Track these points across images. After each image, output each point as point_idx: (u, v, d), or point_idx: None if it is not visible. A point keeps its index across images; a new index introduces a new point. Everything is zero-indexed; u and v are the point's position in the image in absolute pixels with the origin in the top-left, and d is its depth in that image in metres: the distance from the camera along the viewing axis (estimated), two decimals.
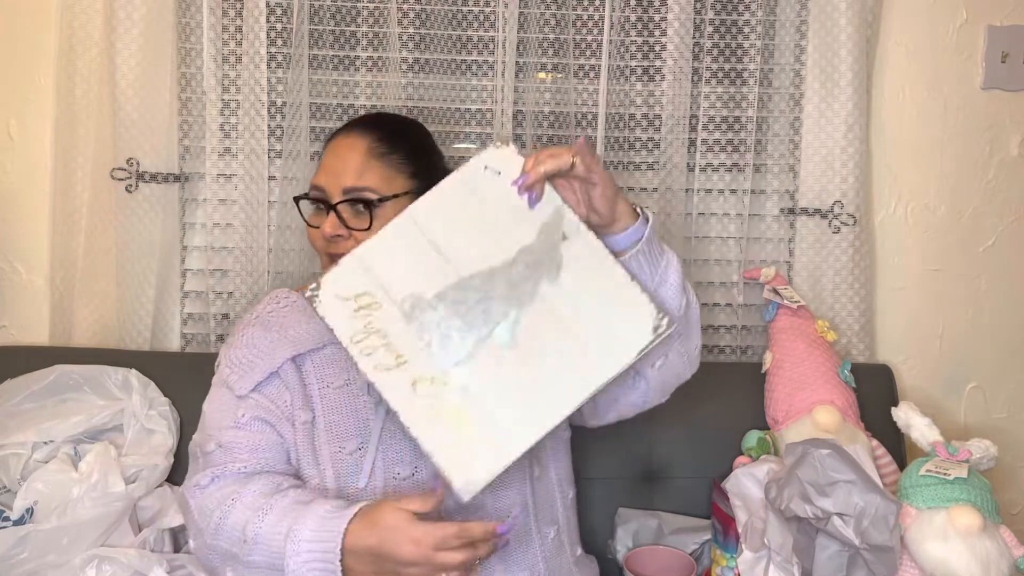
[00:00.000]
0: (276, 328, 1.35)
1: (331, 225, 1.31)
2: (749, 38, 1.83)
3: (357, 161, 1.32)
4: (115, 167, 1.73)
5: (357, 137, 1.35)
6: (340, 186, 1.32)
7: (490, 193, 1.18)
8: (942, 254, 1.92)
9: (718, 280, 1.89)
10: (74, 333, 1.77)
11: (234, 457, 1.27)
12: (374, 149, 1.33)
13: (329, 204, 1.32)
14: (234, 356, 1.34)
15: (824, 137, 1.82)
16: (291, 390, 1.31)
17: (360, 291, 1.16)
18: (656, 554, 1.53)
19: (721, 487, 1.54)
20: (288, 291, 1.42)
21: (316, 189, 1.35)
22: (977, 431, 1.90)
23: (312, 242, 1.37)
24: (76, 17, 1.71)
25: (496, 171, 1.18)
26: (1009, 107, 1.89)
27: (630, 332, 1.15)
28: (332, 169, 1.34)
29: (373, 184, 1.32)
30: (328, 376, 1.32)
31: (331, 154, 1.36)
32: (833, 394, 1.64)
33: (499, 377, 1.14)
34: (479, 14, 1.81)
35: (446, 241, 1.17)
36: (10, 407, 1.57)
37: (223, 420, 1.30)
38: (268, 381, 1.31)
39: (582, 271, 1.16)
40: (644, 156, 1.87)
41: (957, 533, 1.30)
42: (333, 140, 1.38)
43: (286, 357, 1.32)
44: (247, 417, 1.29)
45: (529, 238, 1.17)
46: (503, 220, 1.17)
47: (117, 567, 1.41)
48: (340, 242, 1.31)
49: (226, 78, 1.79)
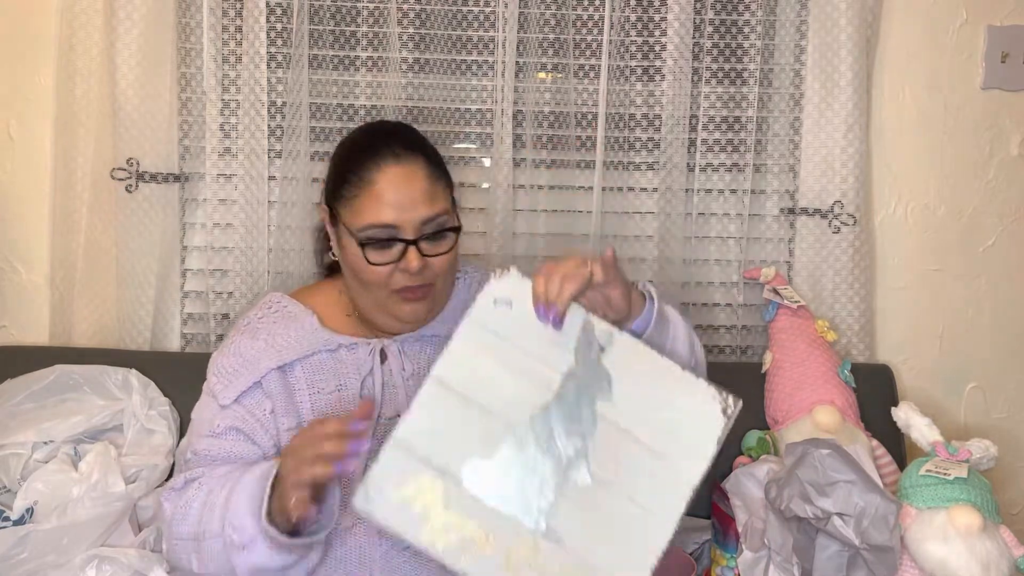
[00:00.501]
0: (264, 336, 1.34)
1: (418, 260, 1.25)
2: (749, 38, 1.83)
3: (425, 188, 1.27)
4: (115, 167, 1.73)
5: (412, 163, 1.28)
6: (417, 220, 1.25)
7: (508, 328, 1.12)
8: (942, 254, 1.92)
9: (718, 280, 1.89)
10: (74, 333, 1.77)
11: (208, 465, 1.28)
12: (431, 172, 1.29)
13: (408, 241, 1.25)
14: (220, 365, 1.34)
15: (824, 137, 1.82)
16: (273, 398, 1.31)
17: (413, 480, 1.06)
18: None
19: (721, 487, 1.54)
20: (281, 295, 1.41)
21: (385, 227, 1.25)
22: (977, 431, 1.90)
23: (373, 281, 1.28)
24: (76, 17, 1.71)
25: (507, 302, 1.13)
26: (1009, 107, 1.89)
27: (701, 424, 1.10)
28: (401, 204, 1.25)
29: (444, 207, 1.28)
30: (319, 382, 1.32)
31: (391, 187, 1.26)
32: (833, 394, 1.64)
33: (592, 521, 1.06)
34: (479, 14, 1.81)
35: (484, 395, 1.09)
36: (10, 407, 1.57)
37: (202, 428, 1.32)
38: (250, 391, 1.31)
39: (633, 378, 1.11)
40: (644, 156, 1.87)
41: (957, 533, 1.30)
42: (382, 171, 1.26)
43: (271, 367, 1.31)
44: (222, 427, 1.30)
45: (567, 362, 1.10)
46: (533, 352, 1.11)
47: (117, 567, 1.41)
48: (424, 271, 1.27)
49: (226, 78, 1.79)
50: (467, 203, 1.85)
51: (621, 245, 1.87)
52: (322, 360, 1.33)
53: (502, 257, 1.80)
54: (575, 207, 1.86)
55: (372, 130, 1.40)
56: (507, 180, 1.80)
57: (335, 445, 1.09)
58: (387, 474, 1.06)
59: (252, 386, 1.31)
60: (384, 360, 1.34)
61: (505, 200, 1.80)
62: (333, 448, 1.09)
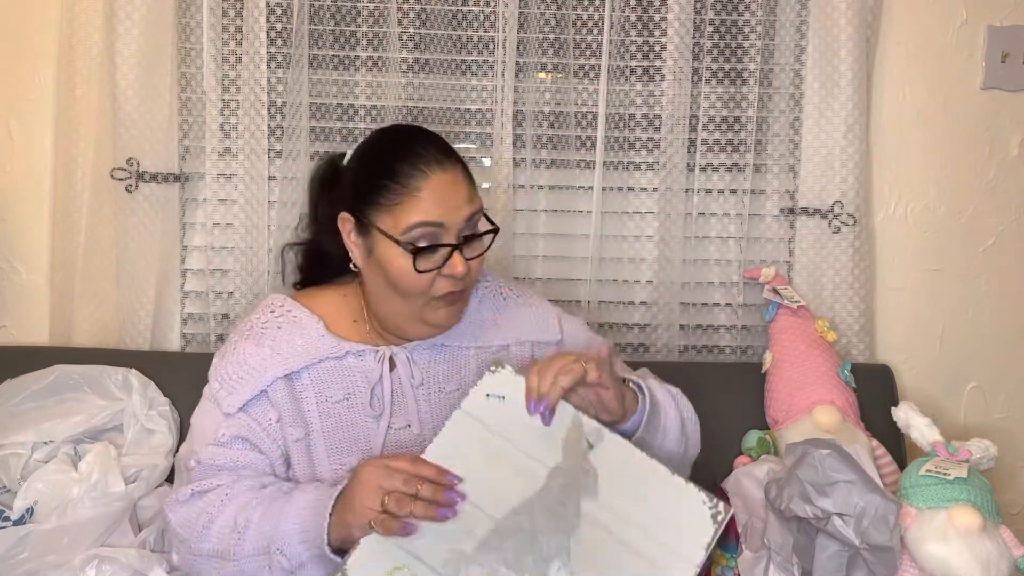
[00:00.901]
0: (268, 343, 1.31)
1: (464, 264, 1.24)
2: (749, 38, 1.83)
3: (466, 192, 1.27)
4: (115, 167, 1.73)
5: (453, 169, 1.27)
6: (460, 219, 1.25)
7: (498, 422, 1.11)
8: (942, 254, 1.92)
9: (718, 280, 1.89)
10: (74, 333, 1.77)
11: (214, 475, 1.27)
12: (468, 178, 1.29)
13: (452, 245, 1.24)
14: (224, 371, 1.32)
15: (824, 137, 1.82)
16: (279, 408, 1.29)
17: (391, 568, 1.06)
18: None
19: (721, 487, 1.54)
20: (284, 298, 1.38)
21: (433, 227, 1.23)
22: (977, 431, 1.90)
23: (414, 289, 1.26)
24: (76, 17, 1.71)
25: (499, 396, 1.13)
26: (1009, 107, 1.89)
27: (690, 529, 1.06)
28: (447, 205, 1.24)
29: (480, 207, 1.28)
30: (327, 391, 1.30)
31: (438, 190, 1.24)
32: (833, 394, 1.64)
33: None
34: (479, 14, 1.81)
35: (469, 486, 1.09)
36: (10, 407, 1.56)
37: (206, 436, 1.30)
38: (255, 400, 1.29)
39: (620, 478, 1.08)
40: (644, 156, 1.87)
41: (957, 533, 1.30)
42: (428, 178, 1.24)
43: (276, 376, 1.29)
44: (227, 436, 1.28)
45: (554, 459, 1.09)
46: (521, 447, 1.10)
47: (117, 567, 1.41)
48: (466, 277, 1.26)
49: (226, 78, 1.79)
50: None
51: (621, 245, 1.87)
52: (329, 368, 1.31)
53: (502, 257, 1.81)
54: (575, 207, 1.86)
55: (399, 137, 1.34)
56: (507, 180, 1.80)
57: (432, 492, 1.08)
58: (365, 562, 1.07)
59: (258, 395, 1.29)
60: (393, 368, 1.33)
61: (505, 200, 1.80)
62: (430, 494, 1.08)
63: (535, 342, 1.38)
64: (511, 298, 1.41)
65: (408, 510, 1.06)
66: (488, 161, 1.84)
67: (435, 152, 1.27)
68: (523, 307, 1.41)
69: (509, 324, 1.38)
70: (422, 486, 1.08)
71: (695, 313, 1.89)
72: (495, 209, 1.79)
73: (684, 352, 1.89)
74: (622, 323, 1.89)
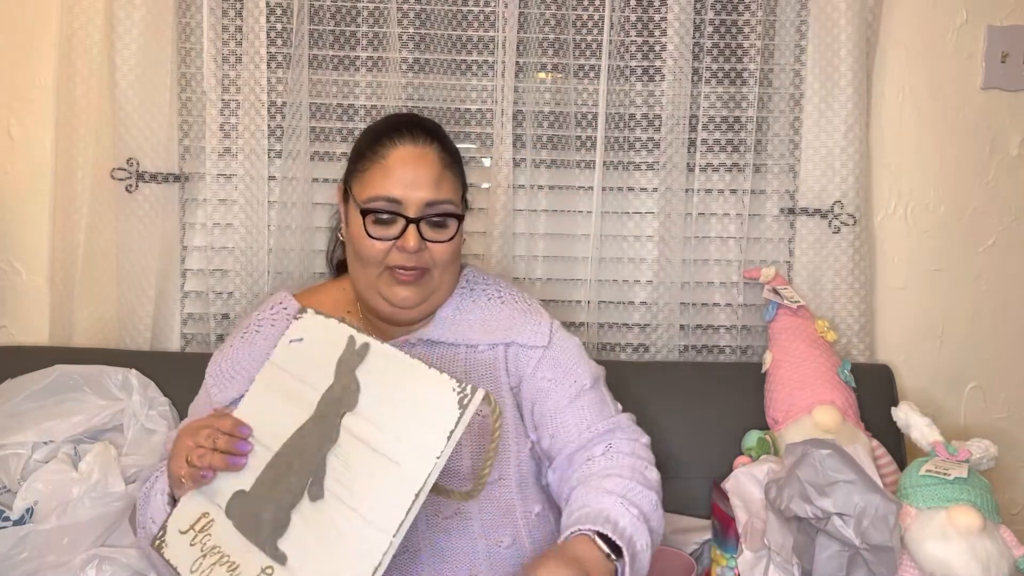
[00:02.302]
0: (261, 341, 1.35)
1: (416, 239, 1.26)
2: (749, 38, 1.83)
3: (434, 173, 1.28)
4: (115, 167, 1.73)
5: (426, 146, 1.30)
6: (420, 199, 1.27)
7: (297, 365, 1.15)
8: (942, 254, 1.92)
9: (718, 280, 1.89)
10: (74, 333, 1.77)
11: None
12: (444, 159, 1.30)
13: (409, 218, 1.26)
14: (217, 368, 1.37)
15: (824, 137, 1.82)
16: None
17: (196, 516, 1.12)
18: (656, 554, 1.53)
19: (721, 487, 1.54)
20: (285, 295, 1.41)
21: (389, 201, 1.27)
22: (977, 431, 1.90)
23: (370, 254, 1.29)
24: (76, 17, 1.71)
25: (299, 340, 1.16)
26: (1009, 107, 1.89)
27: (435, 418, 1.02)
28: (407, 181, 1.27)
29: (450, 196, 1.29)
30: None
31: (400, 163, 1.28)
32: (833, 394, 1.64)
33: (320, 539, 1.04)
34: (479, 14, 1.81)
35: (265, 432, 1.13)
36: (10, 407, 1.56)
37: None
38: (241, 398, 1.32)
39: (378, 385, 1.08)
40: (644, 156, 1.87)
41: (957, 533, 1.30)
42: (396, 147, 1.29)
43: None
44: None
45: (327, 382, 1.11)
46: (307, 380, 1.12)
47: (117, 567, 1.42)
48: (422, 254, 1.28)
49: (226, 78, 1.79)
50: None
51: (621, 245, 1.87)
52: None
53: (502, 257, 1.81)
54: (575, 207, 1.86)
55: (398, 116, 1.42)
56: (507, 180, 1.80)
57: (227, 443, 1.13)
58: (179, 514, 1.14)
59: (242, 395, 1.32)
60: None
61: (505, 200, 1.80)
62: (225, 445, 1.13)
63: (519, 344, 1.36)
64: (508, 300, 1.40)
65: (208, 463, 1.12)
66: (488, 161, 1.84)
67: (416, 130, 1.31)
68: (517, 311, 1.39)
69: (500, 325, 1.37)
70: (219, 439, 1.13)
71: (695, 313, 1.89)
72: (495, 209, 1.79)
73: (684, 352, 1.89)
74: (622, 323, 1.89)
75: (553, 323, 1.39)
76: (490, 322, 1.37)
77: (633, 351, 1.89)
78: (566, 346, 1.38)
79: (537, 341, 1.36)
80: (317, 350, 1.14)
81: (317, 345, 1.15)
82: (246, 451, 1.13)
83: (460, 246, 1.35)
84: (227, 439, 1.13)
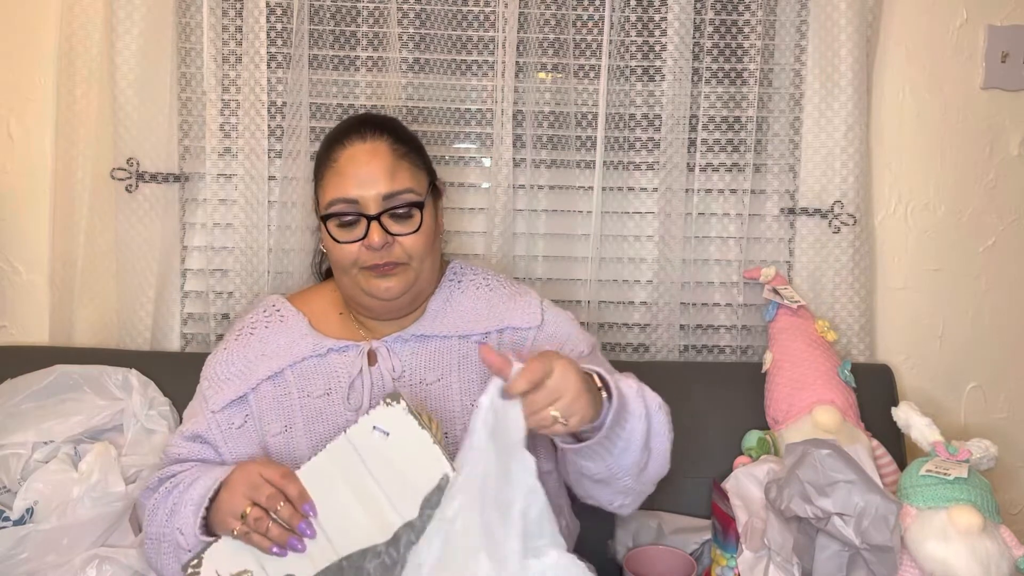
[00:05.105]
0: (256, 344, 1.36)
1: (380, 235, 1.27)
2: (749, 38, 1.83)
3: (387, 164, 1.29)
4: (115, 167, 1.73)
5: (374, 141, 1.30)
6: (377, 194, 1.28)
7: (375, 458, 1.11)
8: (942, 254, 1.92)
9: (718, 280, 1.89)
10: (74, 333, 1.77)
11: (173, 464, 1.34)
12: (396, 150, 1.31)
13: (369, 216, 1.27)
14: (212, 371, 1.37)
15: (824, 137, 1.82)
16: (260, 406, 1.33)
17: (239, 568, 1.11)
18: (656, 554, 1.53)
19: (721, 487, 1.54)
20: (278, 298, 1.43)
21: (346, 203, 1.28)
22: (977, 431, 1.90)
23: (343, 260, 1.30)
24: (76, 17, 1.71)
25: (384, 432, 1.12)
26: (1009, 107, 1.89)
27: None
28: (360, 178, 1.28)
29: (408, 186, 1.29)
30: (309, 386, 1.33)
31: (351, 163, 1.29)
32: (833, 394, 1.64)
33: None
34: (479, 14, 1.81)
35: (326, 516, 1.11)
36: (10, 407, 1.56)
37: (185, 427, 1.37)
38: (236, 402, 1.34)
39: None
40: (644, 156, 1.87)
41: (957, 533, 1.30)
42: (345, 148, 1.31)
43: (261, 378, 1.34)
44: (193, 432, 1.34)
45: (411, 513, 1.09)
46: (386, 490, 1.10)
47: (117, 567, 1.41)
48: (391, 248, 1.28)
49: (226, 78, 1.78)
50: (467, 203, 1.85)
51: (621, 245, 1.87)
52: (312, 365, 1.35)
53: (502, 257, 1.81)
54: (575, 207, 1.86)
55: (349, 119, 1.42)
56: (507, 180, 1.79)
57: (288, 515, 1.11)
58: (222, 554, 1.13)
59: (239, 398, 1.33)
60: (374, 363, 1.35)
61: (505, 200, 1.80)
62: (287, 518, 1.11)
63: (513, 328, 1.37)
64: (495, 287, 1.42)
65: (264, 528, 1.11)
66: (488, 161, 1.84)
67: (364, 127, 1.32)
68: (505, 296, 1.41)
69: (492, 313, 1.38)
70: (282, 505, 1.11)
71: (695, 313, 1.89)
72: (495, 209, 1.79)
73: (684, 352, 1.89)
74: (622, 323, 1.89)
75: (543, 301, 1.41)
76: (480, 310, 1.38)
77: (633, 351, 1.89)
78: (559, 320, 1.40)
79: (530, 322, 1.37)
80: (401, 459, 1.10)
81: (403, 453, 1.11)
82: (308, 536, 1.11)
83: (435, 234, 1.36)
84: (290, 511, 1.11)
